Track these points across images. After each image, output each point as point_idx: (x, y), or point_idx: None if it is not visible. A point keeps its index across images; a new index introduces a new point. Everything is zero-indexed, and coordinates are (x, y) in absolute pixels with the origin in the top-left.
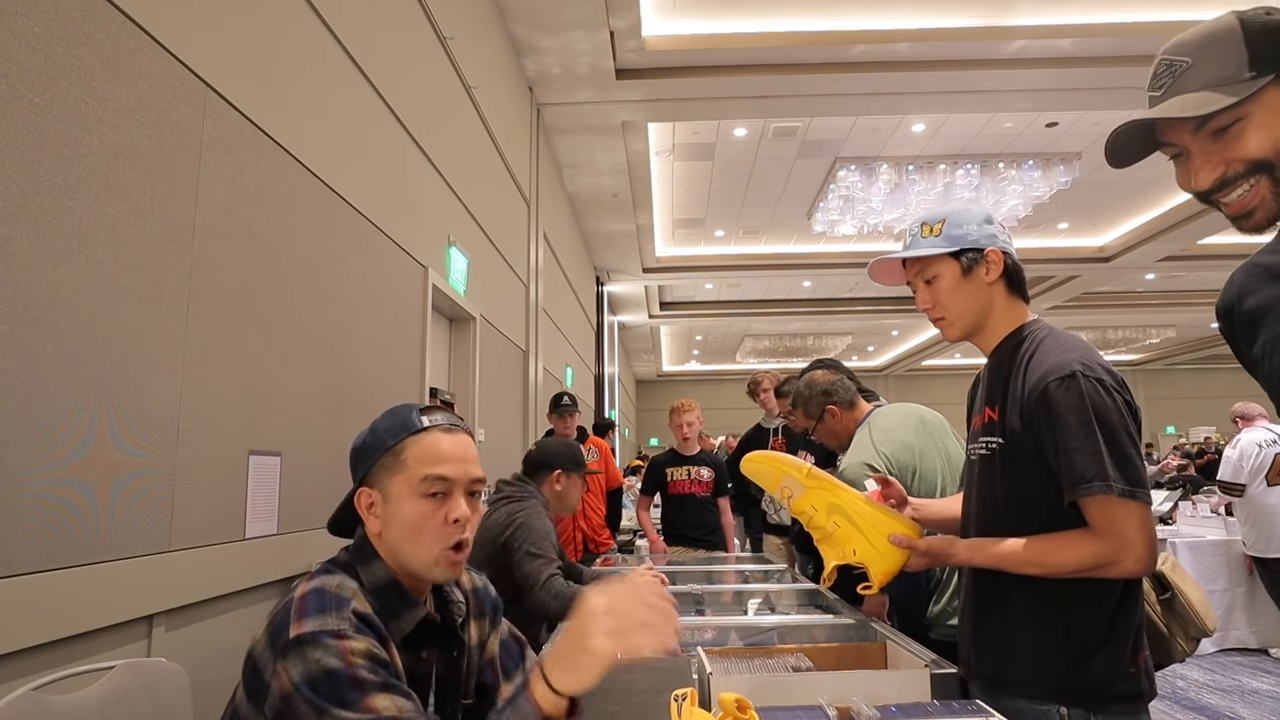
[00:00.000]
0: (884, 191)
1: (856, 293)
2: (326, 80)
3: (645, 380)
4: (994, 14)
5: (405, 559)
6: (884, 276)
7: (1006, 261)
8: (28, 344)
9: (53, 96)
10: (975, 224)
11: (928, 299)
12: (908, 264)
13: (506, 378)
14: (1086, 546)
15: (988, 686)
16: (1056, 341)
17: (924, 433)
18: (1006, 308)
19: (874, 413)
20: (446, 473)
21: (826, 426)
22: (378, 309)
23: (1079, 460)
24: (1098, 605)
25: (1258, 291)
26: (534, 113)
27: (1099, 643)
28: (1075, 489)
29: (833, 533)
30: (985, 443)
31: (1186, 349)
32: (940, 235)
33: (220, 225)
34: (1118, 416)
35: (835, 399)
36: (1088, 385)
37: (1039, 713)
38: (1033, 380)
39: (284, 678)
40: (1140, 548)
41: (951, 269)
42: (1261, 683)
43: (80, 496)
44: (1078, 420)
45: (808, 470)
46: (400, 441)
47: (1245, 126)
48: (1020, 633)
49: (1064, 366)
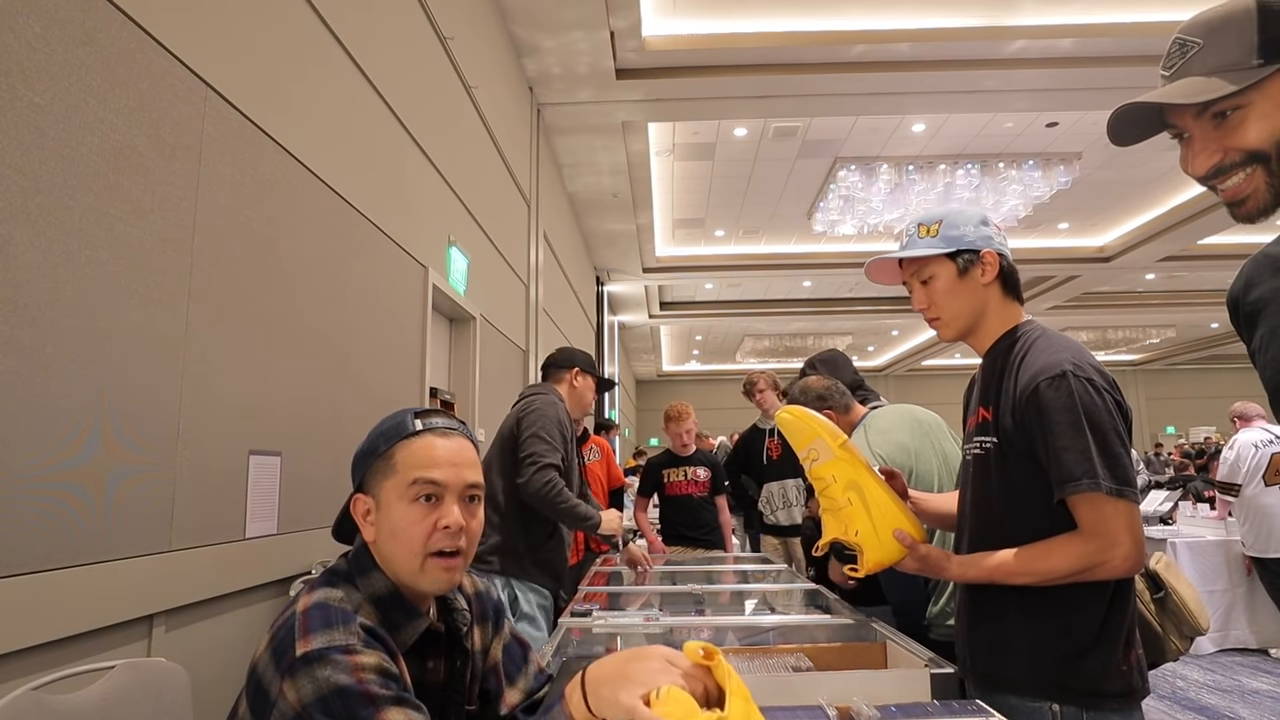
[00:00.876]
0: (884, 191)
1: (856, 293)
2: (327, 80)
3: (645, 380)
4: (994, 14)
5: (394, 568)
6: (880, 276)
7: (1002, 263)
8: (28, 344)
9: (53, 96)
10: (972, 225)
11: (923, 299)
12: (904, 264)
13: (506, 378)
14: (1074, 549)
15: (982, 684)
16: (1049, 342)
17: (920, 433)
18: (1001, 309)
19: (870, 415)
20: (436, 476)
21: None
22: (378, 309)
23: (1068, 459)
24: (1090, 603)
25: (1263, 283)
26: (534, 113)
27: (1092, 640)
28: (1064, 487)
29: (843, 508)
30: (980, 442)
31: (1186, 349)
32: (937, 236)
33: (220, 225)
34: (1107, 416)
35: (830, 404)
36: (1078, 385)
37: (1032, 710)
38: (1024, 380)
39: (292, 697)
40: (1128, 546)
41: (948, 270)
42: (1261, 683)
43: (80, 496)
44: (1068, 419)
45: (843, 441)
46: (392, 446)
47: (1247, 115)
48: (1014, 631)
49: (1055, 366)
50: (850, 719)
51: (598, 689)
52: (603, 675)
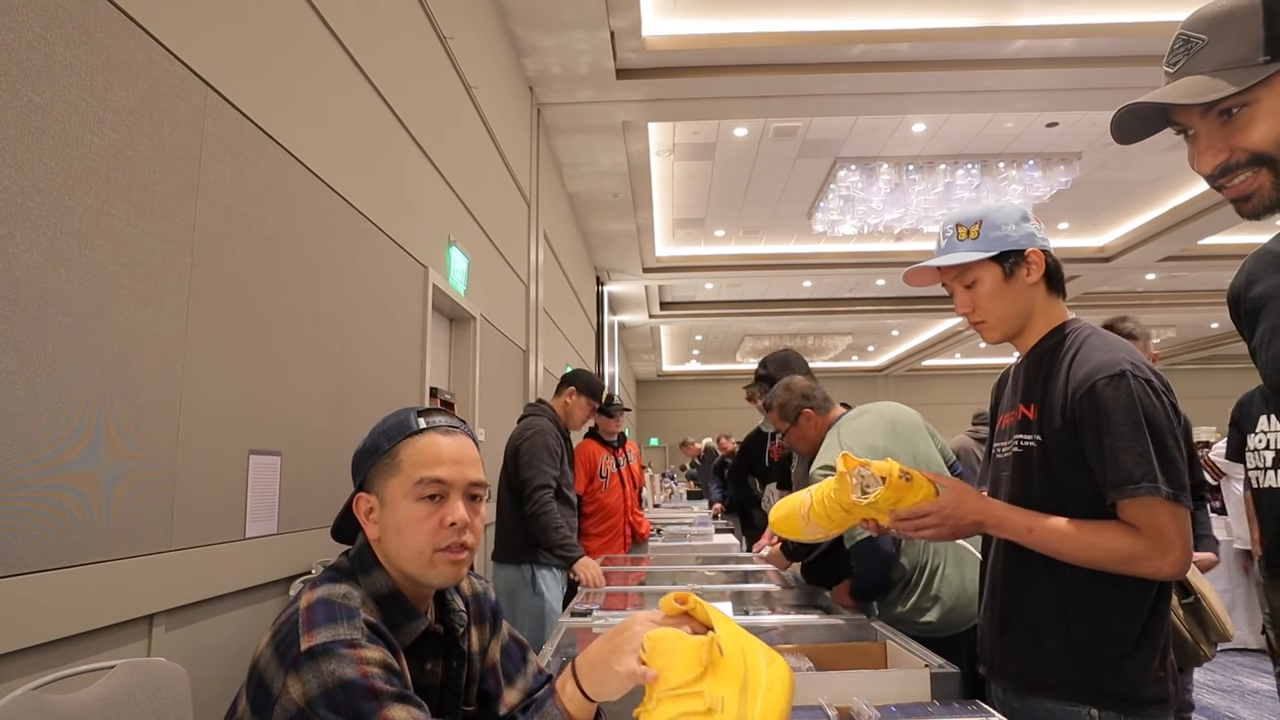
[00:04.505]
0: (884, 191)
1: (856, 293)
2: (327, 80)
3: (645, 380)
4: (994, 14)
5: (402, 563)
6: (920, 279)
7: (1048, 261)
8: (28, 344)
9: (53, 96)
10: (1013, 223)
11: (967, 303)
12: (944, 268)
13: (507, 378)
14: (1125, 538)
15: (1015, 686)
16: (1102, 340)
17: (892, 434)
18: (1047, 307)
19: (845, 415)
20: (441, 475)
21: (800, 430)
22: (378, 308)
23: (1127, 460)
24: (1132, 609)
25: (1264, 279)
26: (534, 113)
27: (1132, 645)
28: (1123, 489)
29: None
30: (1019, 440)
31: (1187, 349)
32: (979, 238)
33: (220, 225)
34: (1165, 419)
35: (812, 403)
36: (1137, 385)
37: (1069, 714)
38: (1078, 377)
39: (296, 691)
40: (1179, 552)
41: (993, 273)
42: (1261, 683)
43: (80, 496)
44: (1127, 420)
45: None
46: (396, 444)
47: (1254, 114)
48: (1050, 632)
49: (1113, 365)
50: (850, 719)
51: (591, 673)
52: (593, 659)
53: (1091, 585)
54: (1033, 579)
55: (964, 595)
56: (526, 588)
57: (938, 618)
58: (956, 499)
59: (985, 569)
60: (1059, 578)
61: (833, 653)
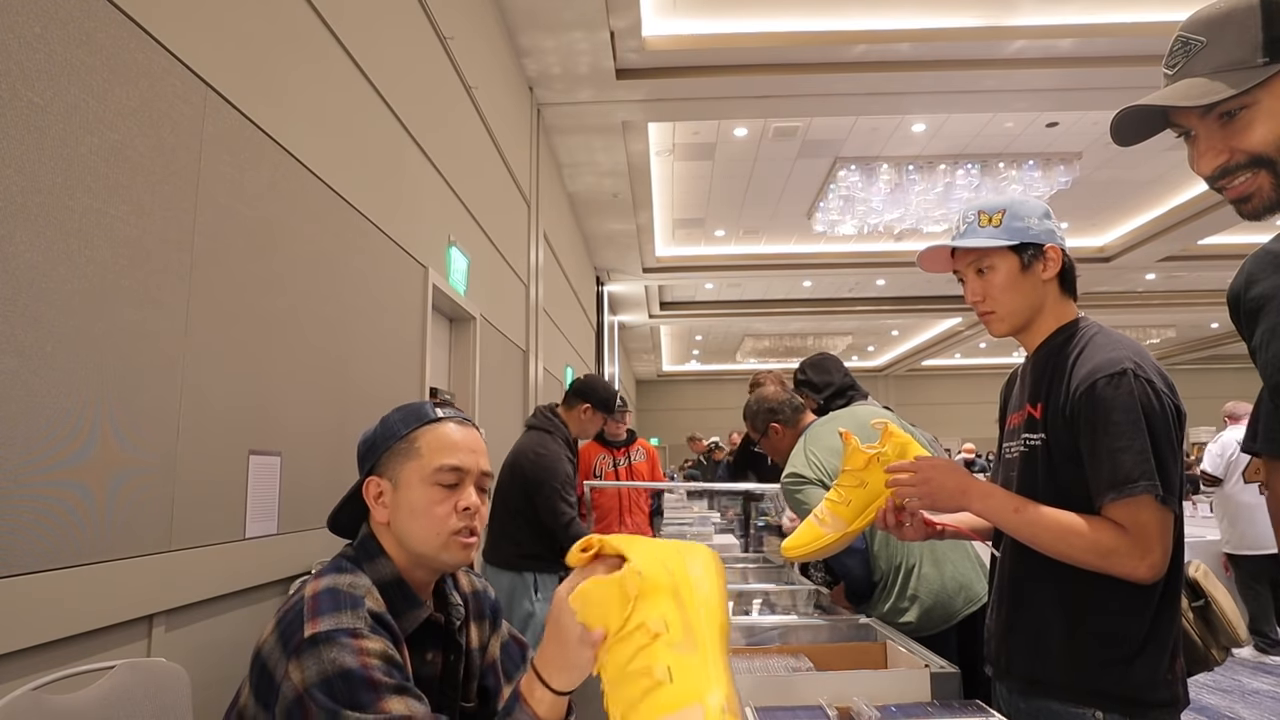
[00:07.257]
0: (884, 191)
1: (856, 293)
2: (327, 80)
3: (645, 380)
4: (994, 14)
5: (415, 544)
6: (932, 264)
7: (1064, 259)
8: (28, 344)
9: (53, 96)
10: (1036, 218)
11: (979, 291)
12: (959, 252)
13: (507, 378)
14: (1108, 531)
15: (1020, 687)
16: (1108, 339)
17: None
18: (1057, 306)
19: (814, 423)
20: (460, 462)
21: (770, 441)
22: (378, 308)
23: (1126, 459)
24: (1138, 610)
25: (1264, 280)
26: (534, 113)
27: (1138, 647)
28: (1120, 488)
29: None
30: (1025, 439)
31: (1186, 349)
32: (1000, 227)
33: (220, 225)
34: (1163, 422)
35: (779, 417)
36: (1139, 385)
37: (1074, 715)
38: (1081, 375)
39: (297, 678)
40: (1158, 555)
41: (1010, 263)
42: (1261, 683)
43: (80, 496)
44: (1127, 419)
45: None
46: (413, 430)
47: (1254, 115)
48: (1057, 634)
49: (1115, 364)
50: (850, 719)
51: (549, 665)
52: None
53: (1098, 586)
54: (1040, 579)
55: (943, 593)
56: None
57: (917, 617)
58: (943, 463)
59: (994, 570)
60: (1066, 578)
61: (832, 653)
